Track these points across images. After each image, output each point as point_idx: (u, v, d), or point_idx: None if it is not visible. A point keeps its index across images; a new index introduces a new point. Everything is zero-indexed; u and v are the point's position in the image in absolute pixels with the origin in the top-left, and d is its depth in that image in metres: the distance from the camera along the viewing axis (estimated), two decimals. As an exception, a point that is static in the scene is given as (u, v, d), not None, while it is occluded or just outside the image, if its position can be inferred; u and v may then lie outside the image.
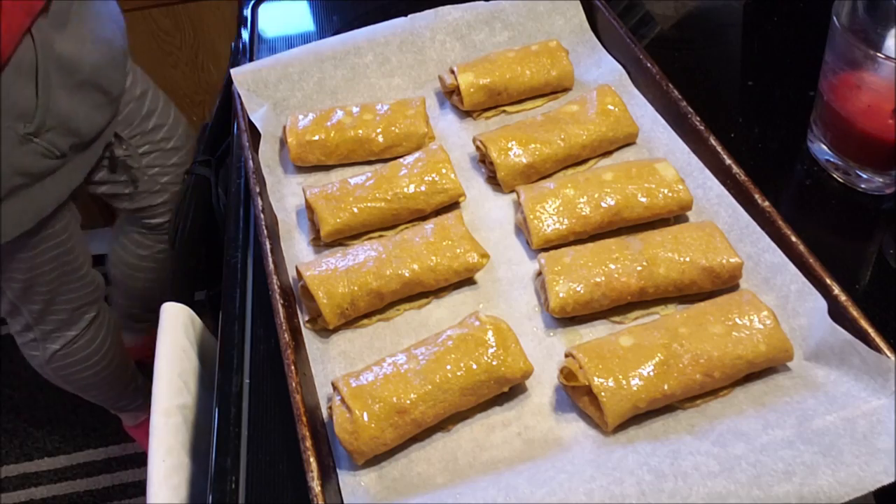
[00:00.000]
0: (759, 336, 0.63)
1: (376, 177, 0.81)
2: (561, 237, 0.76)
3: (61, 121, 1.09)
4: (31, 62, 1.03)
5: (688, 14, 1.10)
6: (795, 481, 0.53)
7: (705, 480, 0.54)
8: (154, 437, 0.66)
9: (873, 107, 0.77)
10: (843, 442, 0.55)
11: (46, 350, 1.39)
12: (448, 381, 0.63)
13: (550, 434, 0.64)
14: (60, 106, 1.09)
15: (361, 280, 0.71)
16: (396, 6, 0.99)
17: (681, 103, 0.82)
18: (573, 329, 0.71)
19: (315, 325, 0.73)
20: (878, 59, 0.73)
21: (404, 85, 0.96)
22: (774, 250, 0.70)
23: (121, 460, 1.88)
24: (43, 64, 1.04)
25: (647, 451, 0.58)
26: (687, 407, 0.64)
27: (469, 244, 0.75)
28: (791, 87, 0.95)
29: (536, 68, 0.91)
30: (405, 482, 0.62)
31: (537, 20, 0.99)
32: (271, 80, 0.93)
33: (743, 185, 0.74)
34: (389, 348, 0.71)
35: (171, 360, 0.72)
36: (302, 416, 0.61)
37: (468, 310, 0.72)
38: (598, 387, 0.61)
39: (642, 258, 0.70)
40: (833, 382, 0.62)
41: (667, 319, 0.67)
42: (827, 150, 0.84)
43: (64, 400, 2.00)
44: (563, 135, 0.83)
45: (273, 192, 0.84)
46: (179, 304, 0.78)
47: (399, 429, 0.62)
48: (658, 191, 0.76)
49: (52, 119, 1.08)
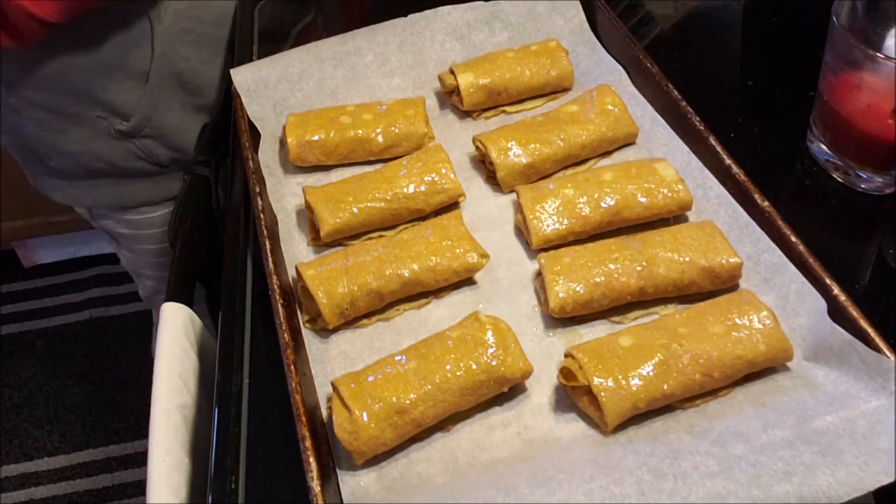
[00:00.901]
0: (758, 336, 0.63)
1: (376, 177, 0.81)
2: (560, 237, 0.76)
3: (164, 133, 1.08)
4: (143, 70, 1.03)
5: (688, 14, 1.10)
6: (795, 481, 0.53)
7: (705, 480, 0.54)
8: (154, 437, 0.66)
9: (873, 107, 0.77)
10: (842, 442, 0.55)
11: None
12: (448, 381, 0.63)
13: (550, 434, 0.64)
14: (166, 120, 1.08)
15: (361, 280, 0.71)
16: (396, 6, 0.99)
17: (680, 103, 0.82)
18: (573, 329, 0.71)
19: (315, 325, 0.73)
20: (877, 59, 0.73)
21: (404, 85, 0.96)
22: (774, 250, 0.70)
23: (120, 460, 1.88)
24: (156, 75, 1.04)
25: (647, 451, 0.58)
26: (686, 407, 0.64)
27: (469, 244, 0.75)
28: (791, 87, 0.95)
29: (536, 68, 0.91)
30: (405, 482, 0.62)
31: (537, 20, 0.99)
32: (271, 80, 0.93)
33: (743, 185, 0.74)
34: (389, 348, 0.71)
35: (171, 360, 0.72)
36: (302, 416, 0.61)
37: (468, 310, 0.72)
38: (598, 387, 0.61)
39: (642, 258, 0.70)
40: (833, 382, 0.62)
41: (666, 319, 0.67)
42: (827, 150, 0.84)
43: (64, 400, 2.01)
44: (563, 135, 0.83)
45: (273, 192, 0.84)
46: (179, 304, 0.78)
47: (399, 429, 0.62)
48: (658, 191, 0.76)
49: (153, 129, 1.07)
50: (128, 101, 1.04)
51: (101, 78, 1.01)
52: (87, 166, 1.09)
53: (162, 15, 1.01)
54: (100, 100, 1.02)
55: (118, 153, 1.08)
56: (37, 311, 2.22)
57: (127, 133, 1.06)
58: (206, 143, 1.04)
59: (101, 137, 1.06)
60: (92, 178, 1.11)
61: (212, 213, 0.99)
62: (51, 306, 2.23)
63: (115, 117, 1.04)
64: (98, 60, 0.99)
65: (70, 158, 1.08)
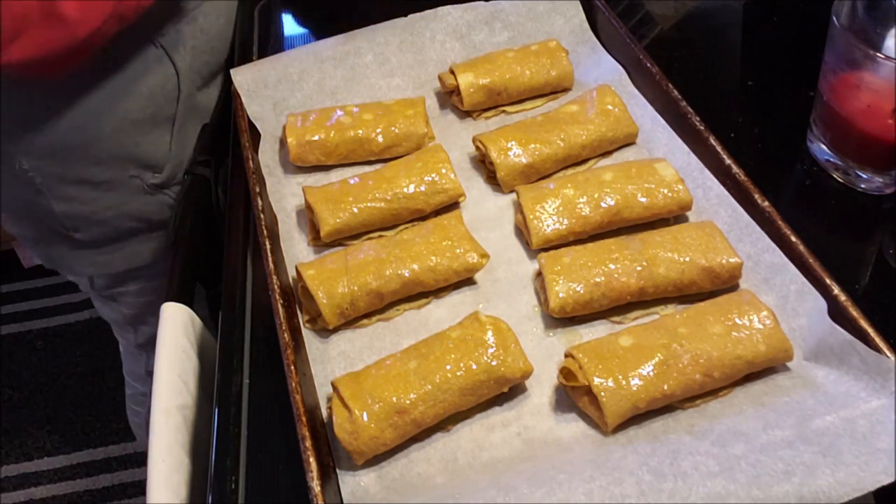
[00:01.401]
0: (758, 336, 0.63)
1: (376, 177, 0.81)
2: (561, 237, 0.76)
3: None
4: (169, 115, 0.98)
5: (688, 14, 1.10)
6: (795, 481, 0.53)
7: (705, 480, 0.54)
8: (154, 437, 0.66)
9: (873, 107, 0.77)
10: (842, 442, 0.55)
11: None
12: (448, 381, 0.63)
13: (550, 434, 0.64)
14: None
15: (361, 280, 0.71)
16: (396, 6, 0.99)
17: (680, 103, 0.82)
18: (573, 329, 0.71)
19: (315, 325, 0.73)
20: (877, 59, 0.73)
21: (404, 85, 0.96)
22: (774, 250, 0.70)
23: (120, 460, 1.88)
24: (182, 115, 0.99)
25: (647, 451, 0.58)
26: (686, 407, 0.64)
27: (469, 244, 0.75)
28: (791, 87, 0.95)
29: (536, 68, 0.91)
30: (405, 482, 0.62)
31: (537, 20, 0.99)
32: (271, 80, 0.93)
33: (743, 185, 0.74)
34: (389, 348, 0.71)
35: (171, 360, 0.72)
36: (302, 416, 0.61)
37: (468, 310, 0.72)
38: (598, 387, 0.61)
39: (642, 258, 0.70)
40: (833, 382, 0.62)
41: (666, 319, 0.67)
42: (827, 150, 0.84)
43: (64, 400, 2.01)
44: (563, 135, 0.83)
45: (273, 193, 0.84)
46: (179, 304, 0.78)
47: (399, 429, 0.62)
48: (658, 191, 0.76)
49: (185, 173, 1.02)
50: (158, 152, 0.99)
51: (132, 135, 0.96)
52: (119, 228, 1.03)
53: (182, 54, 0.97)
54: (132, 158, 0.98)
55: (152, 208, 1.03)
56: (37, 311, 2.22)
57: (160, 185, 1.01)
58: (206, 143, 1.03)
59: (135, 197, 1.01)
60: (122, 241, 1.05)
61: (212, 212, 0.98)
62: (51, 306, 2.23)
63: (148, 171, 1.00)
64: (126, 118, 0.95)
65: (101, 226, 1.02)
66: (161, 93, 0.97)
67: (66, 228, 1.02)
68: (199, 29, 0.99)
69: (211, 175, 0.99)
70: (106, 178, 0.98)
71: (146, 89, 0.95)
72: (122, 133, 0.95)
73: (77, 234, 1.02)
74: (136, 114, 0.95)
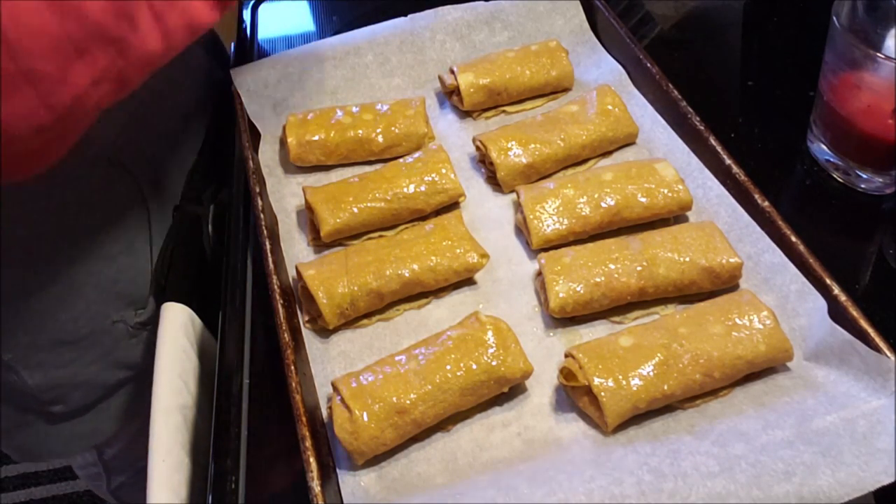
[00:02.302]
0: (758, 336, 0.63)
1: (376, 177, 0.81)
2: (561, 237, 0.76)
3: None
4: (145, 241, 0.84)
5: (688, 14, 1.10)
6: (795, 481, 0.53)
7: (705, 480, 0.54)
8: (154, 437, 0.66)
9: (873, 107, 0.77)
10: (842, 442, 0.55)
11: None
12: (448, 381, 0.63)
13: (550, 434, 0.64)
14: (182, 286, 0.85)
15: (361, 280, 0.71)
16: (396, 6, 0.99)
17: (681, 103, 0.82)
18: (573, 329, 0.71)
19: (315, 325, 0.73)
20: (878, 59, 0.73)
21: (404, 85, 0.96)
22: (774, 250, 0.70)
23: (121, 460, 1.88)
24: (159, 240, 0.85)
25: (647, 451, 0.58)
26: (687, 407, 0.64)
27: (469, 244, 0.75)
28: (791, 87, 0.95)
29: (536, 68, 0.91)
30: (405, 482, 0.62)
31: (537, 20, 0.99)
32: (271, 80, 0.93)
33: (743, 185, 0.74)
34: (389, 348, 0.71)
35: (171, 360, 0.72)
36: (302, 416, 0.61)
37: (468, 310, 0.72)
38: (598, 387, 0.61)
39: (642, 258, 0.70)
40: (833, 382, 0.62)
41: (666, 319, 0.67)
42: (827, 150, 0.84)
43: (64, 400, 2.01)
44: (563, 135, 0.83)
45: (273, 193, 0.84)
46: (179, 304, 0.78)
47: (399, 429, 0.62)
48: (658, 191, 0.76)
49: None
50: (138, 286, 0.84)
51: (110, 275, 0.82)
52: (105, 384, 0.87)
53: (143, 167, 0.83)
54: (113, 302, 0.83)
55: (138, 350, 0.87)
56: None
57: (145, 323, 0.86)
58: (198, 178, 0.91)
59: (119, 344, 0.85)
60: (109, 398, 0.89)
61: (203, 256, 0.86)
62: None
63: (130, 310, 0.85)
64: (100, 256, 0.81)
65: (84, 388, 0.86)
66: (133, 224, 0.83)
67: (40, 403, 0.85)
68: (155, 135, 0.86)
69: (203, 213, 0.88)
70: (87, 333, 0.83)
71: (120, 222, 0.81)
72: (102, 276, 0.81)
73: (56, 406, 0.85)
74: (111, 249, 0.81)
